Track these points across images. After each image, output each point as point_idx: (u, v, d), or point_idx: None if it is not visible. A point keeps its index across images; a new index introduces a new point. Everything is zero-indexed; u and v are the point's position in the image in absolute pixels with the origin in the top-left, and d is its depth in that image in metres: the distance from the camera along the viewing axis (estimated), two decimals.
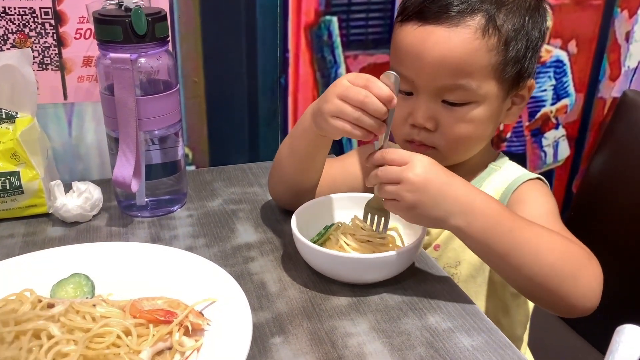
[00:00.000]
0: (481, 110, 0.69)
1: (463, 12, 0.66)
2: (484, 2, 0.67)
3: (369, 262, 0.62)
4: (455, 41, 0.66)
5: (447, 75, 0.67)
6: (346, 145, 1.04)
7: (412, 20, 0.69)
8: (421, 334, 0.58)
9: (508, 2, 0.68)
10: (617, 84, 1.16)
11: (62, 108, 0.87)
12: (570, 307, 0.61)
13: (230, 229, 0.77)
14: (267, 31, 0.92)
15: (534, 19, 0.70)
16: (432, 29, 0.67)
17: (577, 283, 0.60)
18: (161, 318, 0.52)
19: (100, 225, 0.77)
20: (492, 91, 0.69)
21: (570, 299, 0.60)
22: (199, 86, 0.92)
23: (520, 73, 0.70)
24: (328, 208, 0.73)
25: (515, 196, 0.73)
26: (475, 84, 0.68)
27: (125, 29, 0.69)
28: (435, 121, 0.70)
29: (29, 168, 0.75)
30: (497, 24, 0.67)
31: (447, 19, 0.66)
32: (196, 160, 0.97)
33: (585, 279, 0.61)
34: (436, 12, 0.67)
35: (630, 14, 1.11)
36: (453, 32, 0.66)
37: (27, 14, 0.80)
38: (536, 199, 0.72)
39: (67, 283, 0.60)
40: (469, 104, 0.69)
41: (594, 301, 0.61)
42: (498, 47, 0.67)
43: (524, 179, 0.74)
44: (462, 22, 0.66)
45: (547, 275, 0.59)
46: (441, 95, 0.69)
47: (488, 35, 0.66)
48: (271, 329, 0.58)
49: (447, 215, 0.59)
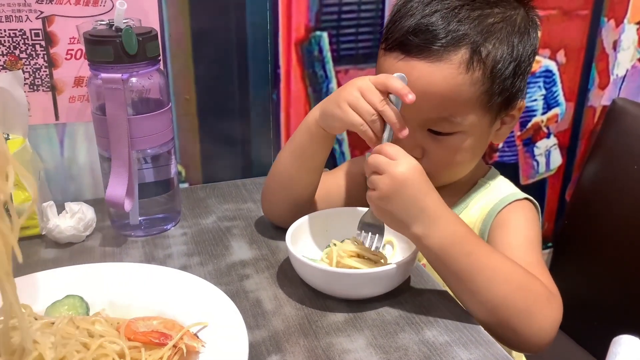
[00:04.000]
0: (468, 139, 0.69)
1: (446, 46, 0.64)
2: (469, 34, 0.65)
3: (364, 277, 0.62)
4: (438, 77, 0.65)
5: (431, 109, 0.67)
6: (339, 158, 1.04)
7: (395, 51, 0.68)
8: (419, 348, 0.57)
9: (495, 30, 0.66)
10: (606, 93, 1.17)
11: (53, 129, 0.86)
12: (518, 342, 0.61)
13: (224, 246, 0.76)
14: (257, 47, 0.92)
15: (524, 40, 0.68)
16: (415, 64, 0.66)
17: (530, 319, 0.60)
18: (155, 340, 0.52)
19: (94, 245, 0.77)
20: (478, 121, 0.68)
21: (521, 334, 0.60)
22: (190, 104, 0.92)
23: (509, 98, 0.69)
24: (322, 223, 0.73)
25: (499, 218, 0.72)
26: (459, 117, 0.67)
27: (116, 49, 0.69)
28: (422, 149, 0.70)
29: (21, 190, 0.75)
30: (482, 57, 0.65)
31: (430, 53, 0.65)
32: (189, 177, 0.96)
33: (539, 317, 0.60)
34: (418, 46, 0.65)
35: (617, 23, 1.12)
36: (436, 67, 0.65)
37: (18, 35, 0.80)
38: (518, 225, 0.71)
39: (62, 305, 0.60)
40: (456, 134, 0.68)
41: (544, 342, 0.61)
42: (483, 79, 0.66)
43: (510, 200, 0.72)
44: (445, 56, 0.65)
45: (500, 306, 0.59)
46: (427, 125, 0.69)
47: (472, 69, 0.65)
48: (267, 347, 0.58)
49: (410, 222, 0.60)
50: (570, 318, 0.99)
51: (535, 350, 0.61)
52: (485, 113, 0.68)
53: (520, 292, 0.60)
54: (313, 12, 0.93)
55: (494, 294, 0.59)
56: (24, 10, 0.79)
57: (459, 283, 0.61)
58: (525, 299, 0.60)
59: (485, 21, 0.66)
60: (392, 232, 0.71)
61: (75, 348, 0.50)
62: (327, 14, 0.94)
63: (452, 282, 0.62)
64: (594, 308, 0.96)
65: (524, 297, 0.60)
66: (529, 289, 0.61)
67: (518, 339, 0.60)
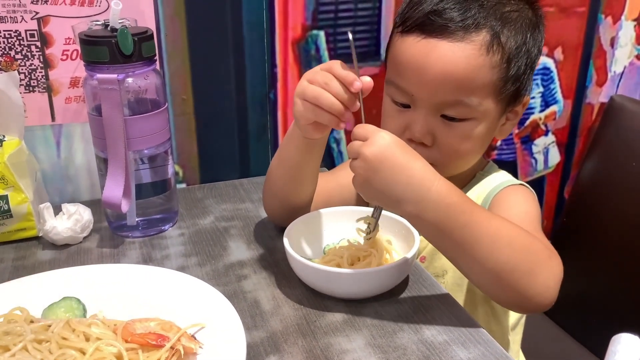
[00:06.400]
0: (480, 127, 0.69)
1: (468, 27, 0.65)
2: (488, 18, 0.65)
3: (362, 276, 0.62)
4: (460, 56, 0.65)
5: (449, 91, 0.66)
6: (337, 159, 1.04)
7: (414, 32, 0.67)
8: (417, 348, 0.57)
9: (512, 19, 0.67)
10: (604, 90, 1.17)
11: (50, 130, 0.86)
12: (525, 302, 0.60)
13: (222, 247, 0.76)
14: (254, 47, 0.92)
15: (534, 36, 0.69)
16: (436, 43, 0.65)
17: (534, 279, 0.59)
18: (153, 342, 0.51)
19: (91, 247, 0.77)
20: (491, 108, 0.68)
21: (525, 294, 0.59)
22: (187, 103, 0.92)
23: (519, 90, 0.70)
24: (320, 223, 0.73)
25: (495, 200, 0.72)
26: (476, 100, 0.66)
27: (111, 49, 0.69)
28: (433, 136, 0.69)
29: (17, 191, 0.75)
30: (501, 41, 0.65)
31: (452, 33, 0.65)
32: (187, 177, 0.96)
33: (543, 276, 0.59)
34: (440, 26, 0.65)
35: (614, 20, 1.12)
36: (457, 47, 0.65)
37: (13, 36, 0.80)
38: (515, 202, 0.71)
39: (59, 307, 0.60)
40: (468, 120, 0.68)
41: (550, 299, 0.60)
42: (501, 65, 0.66)
43: (506, 184, 0.73)
44: (466, 37, 0.65)
45: (504, 271, 0.58)
46: (441, 110, 0.68)
47: (492, 52, 0.65)
48: (266, 348, 0.58)
49: (399, 201, 0.58)
50: (570, 315, 0.99)
51: (541, 309, 0.61)
52: (497, 102, 0.68)
53: (523, 253, 0.59)
54: (310, 11, 0.92)
55: (497, 259, 0.58)
56: (19, 11, 0.79)
57: (460, 254, 0.59)
58: (528, 259, 0.59)
59: (503, 9, 0.67)
60: (390, 231, 0.71)
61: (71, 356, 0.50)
62: (324, 13, 0.93)
63: (453, 254, 0.60)
64: (593, 305, 0.96)
65: (527, 258, 0.59)
66: (530, 249, 0.60)
67: (523, 300, 0.59)
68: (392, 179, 0.57)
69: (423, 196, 0.57)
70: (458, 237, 0.58)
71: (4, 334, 0.51)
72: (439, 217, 0.57)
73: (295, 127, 0.67)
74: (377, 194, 0.58)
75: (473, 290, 0.75)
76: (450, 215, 0.57)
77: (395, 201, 0.58)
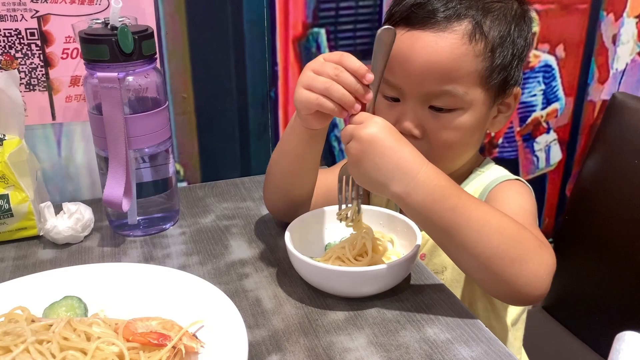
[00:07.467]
0: (467, 117, 0.69)
1: (450, 18, 0.66)
2: (470, 9, 0.67)
3: (365, 274, 0.62)
4: (443, 46, 0.66)
5: (435, 81, 0.67)
6: (338, 157, 1.03)
7: (400, 25, 0.69)
8: (420, 346, 0.57)
9: (494, 9, 0.68)
10: (606, 87, 1.17)
11: (50, 128, 0.86)
12: (515, 292, 0.59)
13: (223, 246, 0.76)
14: (255, 45, 0.92)
15: (520, 27, 0.70)
16: (419, 34, 0.67)
17: (524, 267, 0.58)
18: (154, 341, 0.51)
19: (92, 246, 0.76)
20: (479, 98, 0.69)
21: (516, 283, 0.58)
22: (188, 102, 0.91)
23: (507, 80, 0.70)
24: (321, 221, 0.73)
25: (491, 194, 0.72)
26: (461, 89, 0.68)
27: (112, 47, 0.69)
28: (422, 128, 0.70)
29: (18, 190, 0.74)
30: (483, 30, 0.67)
31: (434, 24, 0.66)
32: (188, 176, 0.96)
33: (533, 265, 0.59)
34: (423, 17, 0.67)
35: (616, 17, 1.11)
36: (440, 37, 0.66)
37: (13, 35, 0.80)
38: (511, 196, 0.71)
39: (60, 306, 0.59)
40: (456, 110, 0.69)
41: (541, 290, 0.59)
42: (485, 54, 0.67)
43: (502, 179, 0.74)
44: (449, 27, 0.66)
45: (492, 257, 0.57)
46: (428, 101, 0.69)
47: (475, 41, 0.67)
48: (267, 346, 0.57)
49: (387, 181, 0.58)
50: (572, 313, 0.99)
51: (532, 301, 0.60)
52: (485, 91, 0.69)
53: (511, 240, 0.58)
54: (310, 9, 0.92)
55: (484, 245, 0.57)
56: (19, 10, 0.79)
57: (448, 239, 0.59)
58: (517, 247, 0.58)
59: (485, 0, 0.68)
60: (392, 230, 0.71)
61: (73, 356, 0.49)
62: (325, 11, 0.93)
63: (441, 238, 0.60)
64: (595, 303, 0.96)
65: (516, 246, 0.58)
66: (520, 237, 0.59)
67: (514, 289, 0.59)
68: (382, 160, 0.58)
69: (412, 177, 0.58)
70: (446, 220, 0.58)
71: (4, 334, 0.51)
72: (427, 199, 0.58)
73: (296, 119, 0.67)
74: (368, 172, 0.59)
75: (472, 286, 0.75)
76: (438, 197, 0.58)
77: (384, 182, 0.59)
